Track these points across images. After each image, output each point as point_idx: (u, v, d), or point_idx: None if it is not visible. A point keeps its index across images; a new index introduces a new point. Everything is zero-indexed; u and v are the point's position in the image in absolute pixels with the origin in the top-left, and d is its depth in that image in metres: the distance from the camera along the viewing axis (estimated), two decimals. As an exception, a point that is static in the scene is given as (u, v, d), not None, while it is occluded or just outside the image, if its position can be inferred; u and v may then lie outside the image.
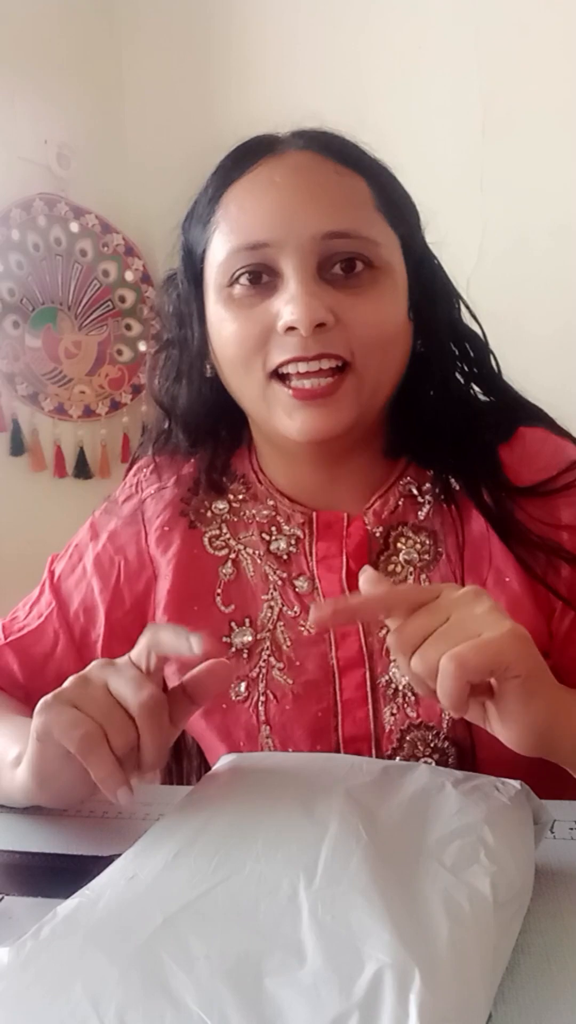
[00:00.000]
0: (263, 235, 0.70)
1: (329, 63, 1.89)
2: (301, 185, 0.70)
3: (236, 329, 0.71)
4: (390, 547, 0.77)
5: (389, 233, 0.72)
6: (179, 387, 0.82)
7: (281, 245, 0.69)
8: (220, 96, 2.00)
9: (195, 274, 0.76)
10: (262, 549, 0.80)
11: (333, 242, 0.69)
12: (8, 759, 0.67)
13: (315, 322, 0.68)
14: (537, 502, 0.74)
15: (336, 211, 0.70)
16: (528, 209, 1.75)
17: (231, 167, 0.74)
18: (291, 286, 0.69)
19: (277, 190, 0.70)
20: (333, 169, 0.71)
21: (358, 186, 0.72)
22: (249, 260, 0.70)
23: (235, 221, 0.72)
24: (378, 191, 0.72)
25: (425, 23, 1.82)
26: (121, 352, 2.11)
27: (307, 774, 0.58)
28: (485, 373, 0.81)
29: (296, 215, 0.69)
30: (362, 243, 0.70)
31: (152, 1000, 0.38)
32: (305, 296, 0.68)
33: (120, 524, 0.85)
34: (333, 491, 0.79)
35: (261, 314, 0.70)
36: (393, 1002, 0.37)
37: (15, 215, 1.92)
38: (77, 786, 0.61)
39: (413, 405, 0.77)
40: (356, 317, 0.69)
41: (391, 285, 0.72)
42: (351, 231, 0.69)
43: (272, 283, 0.70)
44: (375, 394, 0.73)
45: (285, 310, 0.68)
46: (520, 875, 0.49)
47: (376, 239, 0.71)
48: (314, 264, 0.69)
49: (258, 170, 0.72)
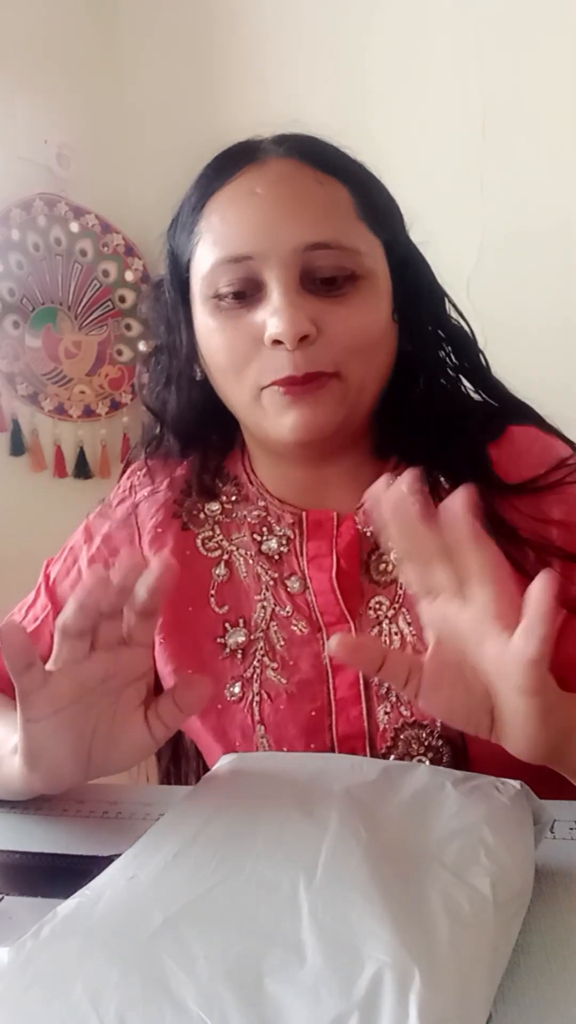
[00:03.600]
0: (246, 248, 0.70)
1: (329, 63, 1.89)
2: (282, 196, 0.71)
3: (225, 340, 0.72)
4: (381, 546, 0.77)
5: (371, 240, 0.73)
6: (169, 392, 0.83)
7: (264, 257, 0.70)
8: (220, 96, 2.00)
9: (181, 282, 0.77)
10: (254, 550, 0.80)
11: (315, 253, 0.70)
12: (7, 748, 0.67)
13: (299, 335, 0.69)
14: (527, 500, 0.74)
15: (318, 222, 0.70)
16: (528, 209, 1.75)
17: (213, 176, 0.75)
18: (274, 298, 0.70)
19: (259, 201, 0.71)
20: (314, 178, 0.72)
21: (339, 195, 0.72)
22: (233, 273, 0.71)
23: (218, 232, 0.72)
24: (360, 198, 0.73)
25: (425, 23, 1.81)
26: (121, 352, 2.11)
27: (307, 774, 0.58)
28: (473, 370, 0.82)
29: (278, 227, 0.70)
30: (344, 254, 0.71)
31: (152, 1000, 0.38)
32: (289, 308, 0.69)
33: (114, 527, 0.86)
34: (324, 491, 0.80)
35: (248, 325, 0.71)
36: (393, 1002, 0.37)
37: (15, 215, 1.92)
38: (68, 761, 0.61)
39: (401, 404, 0.78)
40: (339, 326, 0.70)
41: (373, 292, 0.73)
42: (332, 241, 0.70)
43: (257, 295, 0.71)
44: (361, 395, 0.74)
45: (270, 322, 0.69)
46: (520, 875, 0.49)
47: (358, 248, 0.71)
48: (296, 276, 0.70)
49: (239, 180, 0.73)
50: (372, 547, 0.77)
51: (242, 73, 2.00)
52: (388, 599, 0.76)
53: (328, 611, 0.76)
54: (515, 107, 1.76)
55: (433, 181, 1.50)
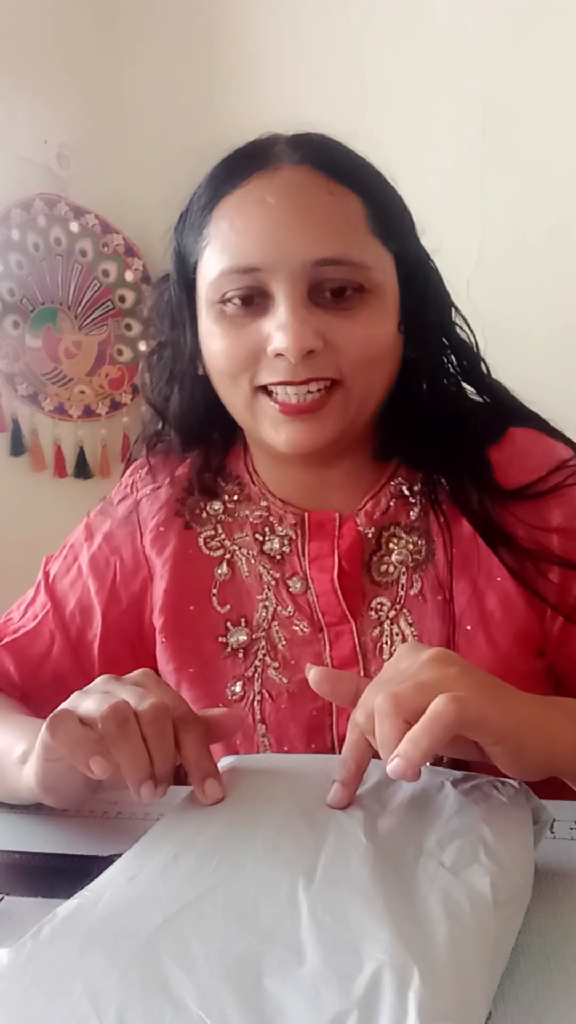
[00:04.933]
0: (254, 259, 0.69)
1: (329, 63, 1.89)
2: (294, 207, 0.69)
3: (226, 346, 0.72)
4: (382, 547, 0.77)
5: (382, 253, 0.72)
6: (172, 388, 0.82)
7: (272, 269, 0.69)
8: (220, 96, 2.00)
9: (187, 282, 0.76)
10: (256, 549, 0.80)
11: (324, 268, 0.69)
12: (14, 756, 0.67)
13: (304, 351, 0.68)
14: (527, 504, 0.74)
15: (328, 236, 0.69)
16: (528, 209, 1.75)
17: (224, 178, 0.73)
18: (281, 312, 0.69)
19: (269, 211, 0.70)
20: (327, 188, 0.70)
21: (352, 207, 0.71)
22: (240, 283, 0.70)
23: (226, 240, 0.71)
24: (372, 209, 0.71)
25: (425, 23, 1.82)
26: (121, 352, 2.11)
27: (307, 775, 0.58)
28: (475, 374, 0.81)
29: (288, 240, 0.69)
30: (353, 269, 0.69)
31: (152, 1000, 0.38)
32: (295, 324, 0.68)
33: (115, 525, 0.86)
34: (325, 492, 0.80)
35: (251, 334, 0.70)
36: (392, 1001, 0.37)
37: (15, 215, 1.92)
38: (81, 790, 0.64)
39: (403, 407, 0.77)
40: (346, 339, 0.70)
41: (381, 306, 0.72)
42: (343, 257, 0.69)
43: (263, 305, 0.70)
44: (363, 406, 0.73)
45: (276, 336, 0.69)
46: (520, 875, 0.49)
47: (368, 263, 0.70)
48: (304, 289, 0.69)
49: (251, 186, 0.71)
50: (373, 548, 0.77)
51: (242, 73, 2.00)
52: (389, 600, 0.76)
53: (330, 611, 0.77)
54: (515, 107, 1.76)
55: (433, 181, 1.49)
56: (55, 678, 0.83)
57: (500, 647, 0.73)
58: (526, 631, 0.73)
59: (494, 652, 0.72)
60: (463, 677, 0.53)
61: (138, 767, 0.55)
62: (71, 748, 0.55)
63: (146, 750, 0.56)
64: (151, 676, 0.62)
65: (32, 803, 0.68)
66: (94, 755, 0.54)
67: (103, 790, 0.65)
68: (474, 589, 0.73)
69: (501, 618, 0.73)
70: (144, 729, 0.56)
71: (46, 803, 0.65)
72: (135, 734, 0.55)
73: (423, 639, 0.74)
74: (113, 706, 0.55)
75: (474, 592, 0.73)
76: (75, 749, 0.55)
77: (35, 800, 0.66)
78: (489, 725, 0.51)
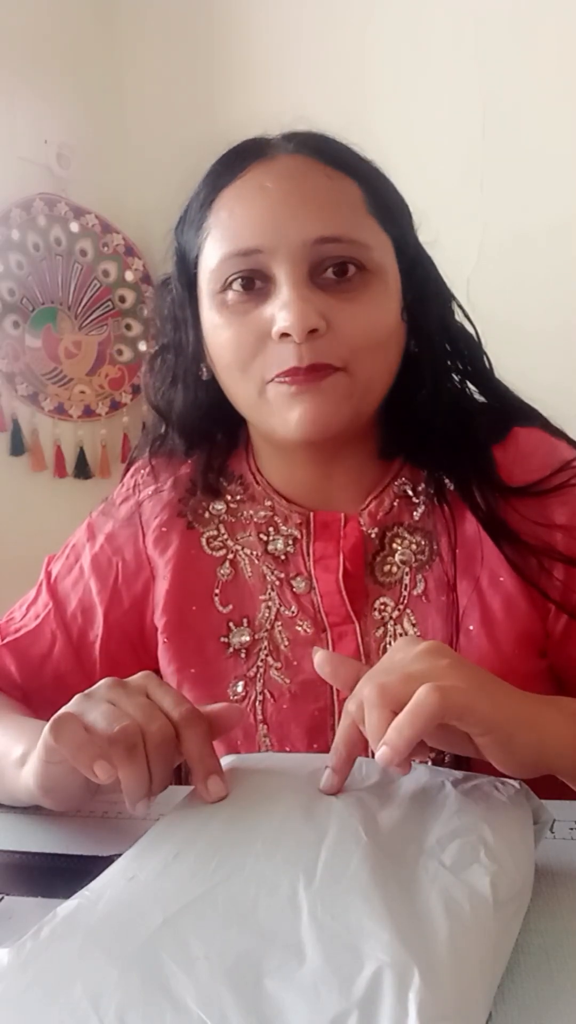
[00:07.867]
0: (254, 241, 0.70)
1: (329, 63, 1.89)
2: (292, 190, 0.70)
3: (231, 335, 0.72)
4: (386, 547, 0.77)
5: (381, 236, 0.72)
6: (175, 391, 0.82)
7: (273, 251, 0.69)
8: (220, 96, 2.00)
9: (189, 279, 0.76)
10: (259, 549, 0.80)
11: (325, 247, 0.69)
12: (12, 758, 0.67)
13: (308, 328, 0.68)
14: (531, 502, 0.74)
15: (327, 215, 0.70)
16: (528, 209, 1.75)
17: (221, 172, 0.74)
18: (283, 292, 0.69)
19: (268, 195, 0.70)
20: (324, 173, 0.71)
21: (349, 189, 0.72)
22: (241, 266, 0.70)
23: (227, 227, 0.72)
24: (370, 194, 0.72)
25: (425, 23, 1.82)
26: (121, 352, 2.11)
27: (307, 774, 0.58)
28: (478, 373, 0.81)
29: (287, 220, 0.69)
30: (354, 247, 0.70)
31: (152, 1000, 0.38)
32: (298, 302, 0.68)
33: (117, 525, 0.85)
34: (329, 491, 0.79)
35: (255, 320, 0.70)
36: (392, 1001, 0.37)
37: (15, 215, 1.92)
38: (80, 793, 0.64)
39: (407, 405, 0.77)
40: (348, 322, 0.70)
41: (383, 288, 0.72)
42: (342, 235, 0.69)
43: (265, 289, 0.70)
44: (367, 393, 0.73)
45: (279, 316, 0.69)
46: (520, 875, 0.49)
47: (368, 242, 0.71)
48: (306, 269, 0.69)
49: (248, 175, 0.72)
50: (377, 548, 0.77)
51: (242, 73, 2.00)
52: (393, 600, 0.76)
53: (334, 612, 0.77)
54: (515, 107, 1.76)
55: (433, 181, 1.49)
56: (56, 678, 0.83)
57: (502, 647, 0.73)
58: (528, 632, 0.73)
59: (496, 652, 0.72)
60: (453, 669, 0.54)
61: (140, 787, 0.56)
62: (74, 751, 0.55)
63: (149, 772, 0.56)
64: (153, 678, 0.61)
65: (29, 805, 0.68)
66: (98, 759, 0.55)
67: (101, 793, 0.65)
68: (477, 589, 0.74)
69: (504, 619, 0.73)
70: (150, 752, 0.56)
71: (44, 805, 0.65)
72: (142, 756, 0.56)
73: (426, 639, 0.74)
74: (124, 729, 0.56)
75: (477, 592, 0.74)
76: (78, 753, 0.55)
77: (33, 802, 0.66)
78: (475, 715, 0.51)
